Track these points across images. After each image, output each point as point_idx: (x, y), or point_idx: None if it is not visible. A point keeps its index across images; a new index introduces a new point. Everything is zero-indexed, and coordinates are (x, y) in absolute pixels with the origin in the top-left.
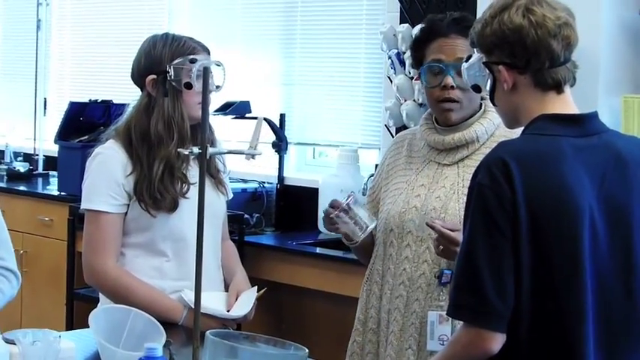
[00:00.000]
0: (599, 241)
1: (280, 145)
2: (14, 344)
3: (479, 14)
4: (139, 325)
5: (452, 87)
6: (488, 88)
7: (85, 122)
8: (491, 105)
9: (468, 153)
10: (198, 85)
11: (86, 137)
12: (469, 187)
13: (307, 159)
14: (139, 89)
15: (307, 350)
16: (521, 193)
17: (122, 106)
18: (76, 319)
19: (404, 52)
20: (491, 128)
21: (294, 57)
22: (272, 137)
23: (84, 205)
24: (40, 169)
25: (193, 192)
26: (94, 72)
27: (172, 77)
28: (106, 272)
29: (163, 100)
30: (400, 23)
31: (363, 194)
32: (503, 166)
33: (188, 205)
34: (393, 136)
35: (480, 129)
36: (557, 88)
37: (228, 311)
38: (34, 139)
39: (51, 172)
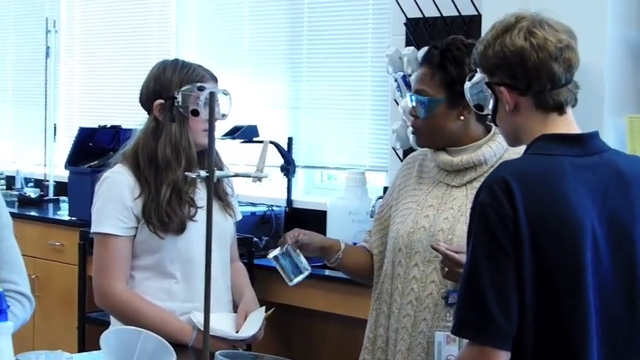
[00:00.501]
0: (601, 258)
1: (288, 168)
2: None
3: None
4: (150, 346)
5: (413, 116)
6: (490, 107)
7: (94, 147)
8: None
9: (476, 175)
10: (204, 113)
11: (96, 162)
12: (472, 207)
13: (315, 182)
14: (146, 114)
15: None
16: (522, 212)
17: (131, 131)
18: (87, 343)
19: (409, 75)
20: (499, 151)
21: (300, 80)
22: (280, 161)
23: (93, 228)
24: (51, 195)
25: (201, 215)
26: (102, 98)
27: (180, 103)
28: (116, 295)
29: (170, 125)
30: (406, 46)
31: (371, 217)
32: (505, 185)
33: (196, 228)
34: (400, 159)
35: (488, 151)
36: (559, 109)
37: (237, 332)
38: (45, 165)
39: (61, 198)
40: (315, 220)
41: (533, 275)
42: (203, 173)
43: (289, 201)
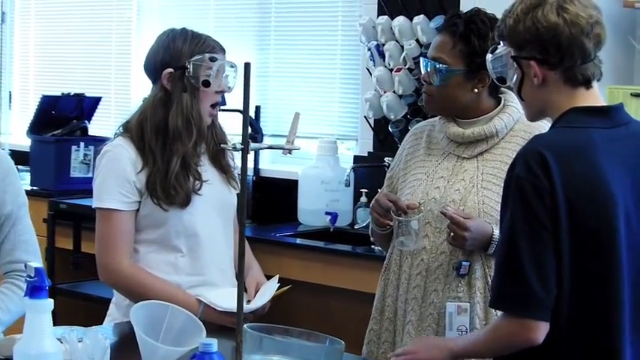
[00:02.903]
0: (632, 229)
1: (256, 137)
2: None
3: (462, 7)
4: (178, 321)
5: (426, 82)
6: (514, 81)
7: (56, 116)
8: (510, 100)
9: (488, 147)
10: (215, 84)
11: (59, 131)
12: (505, 180)
13: (281, 151)
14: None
15: (343, 343)
16: (558, 184)
17: (94, 99)
18: (58, 317)
19: (383, 44)
20: (510, 123)
21: (268, 48)
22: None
23: (95, 203)
24: None
25: (206, 188)
26: (59, 65)
27: (191, 74)
28: (121, 270)
29: (182, 95)
30: (378, 15)
31: (346, 185)
32: (540, 158)
33: (200, 201)
34: (372, 127)
35: (500, 123)
36: (587, 83)
37: (248, 302)
38: (0, 134)
39: (19, 167)
40: (285, 189)
41: (569, 247)
42: (238, 145)
43: (256, 170)
